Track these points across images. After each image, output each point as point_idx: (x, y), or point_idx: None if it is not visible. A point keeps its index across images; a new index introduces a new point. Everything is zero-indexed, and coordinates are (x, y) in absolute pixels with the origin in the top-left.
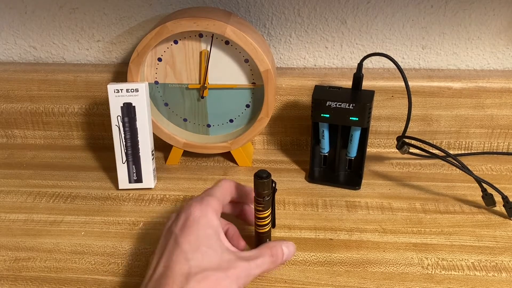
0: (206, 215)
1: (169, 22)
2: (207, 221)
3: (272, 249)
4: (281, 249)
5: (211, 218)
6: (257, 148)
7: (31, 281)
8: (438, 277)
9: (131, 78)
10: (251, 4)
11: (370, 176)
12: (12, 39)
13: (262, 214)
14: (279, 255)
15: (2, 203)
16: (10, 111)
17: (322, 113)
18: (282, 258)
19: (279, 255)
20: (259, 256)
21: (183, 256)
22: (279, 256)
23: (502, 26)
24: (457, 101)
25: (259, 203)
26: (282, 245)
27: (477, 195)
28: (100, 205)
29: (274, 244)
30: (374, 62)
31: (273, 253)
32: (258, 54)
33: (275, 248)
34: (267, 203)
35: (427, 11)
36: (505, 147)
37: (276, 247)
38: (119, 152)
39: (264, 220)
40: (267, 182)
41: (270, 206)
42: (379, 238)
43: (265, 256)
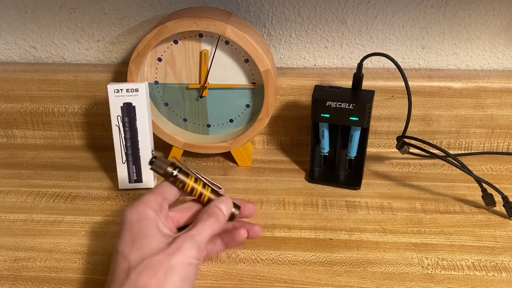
0: (137, 211)
1: (169, 22)
2: (138, 216)
3: (208, 210)
4: (215, 207)
5: (142, 211)
6: (257, 148)
7: (31, 281)
8: (438, 277)
9: (131, 78)
10: (251, 4)
11: (370, 176)
12: (12, 39)
13: (188, 187)
14: (217, 212)
15: (2, 203)
16: (10, 111)
17: (322, 113)
18: (223, 213)
19: (217, 212)
20: (197, 223)
21: (121, 256)
22: (218, 212)
23: (502, 26)
24: (457, 101)
25: (175, 183)
26: (216, 203)
27: (477, 195)
28: (100, 205)
29: (208, 206)
30: (374, 62)
31: (210, 212)
32: (258, 54)
33: (210, 208)
34: (180, 177)
35: (427, 11)
36: (505, 147)
37: (211, 207)
38: (119, 152)
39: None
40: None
41: (188, 177)
42: (379, 238)
43: (203, 219)
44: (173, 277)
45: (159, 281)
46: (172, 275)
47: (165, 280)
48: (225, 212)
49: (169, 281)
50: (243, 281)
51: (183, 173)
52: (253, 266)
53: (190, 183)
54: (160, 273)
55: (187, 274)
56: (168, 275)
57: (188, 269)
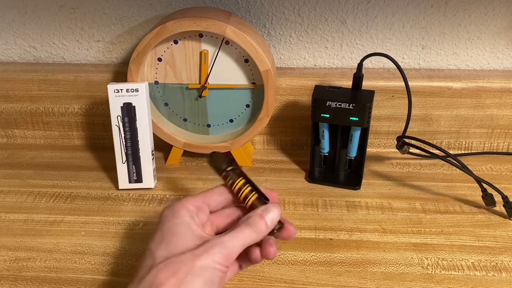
0: (172, 210)
1: (169, 22)
2: (172, 215)
3: (249, 218)
4: (258, 216)
5: (177, 211)
6: (257, 148)
7: (31, 281)
8: (438, 277)
9: (131, 78)
10: (251, 4)
11: (370, 176)
12: (12, 39)
13: (236, 187)
14: (257, 222)
15: (2, 203)
16: (10, 111)
17: (322, 113)
18: (266, 223)
19: (257, 221)
20: (233, 229)
21: (149, 252)
22: (258, 222)
23: (502, 26)
24: (457, 101)
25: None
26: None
27: (477, 195)
28: (100, 205)
29: (252, 213)
30: (374, 62)
31: (250, 221)
32: (258, 54)
33: (253, 216)
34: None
35: (427, 11)
36: (505, 147)
37: (254, 214)
38: (119, 152)
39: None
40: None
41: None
42: (379, 238)
43: (241, 227)
44: (193, 279)
45: (178, 280)
46: (193, 276)
47: (185, 280)
48: (268, 223)
49: (189, 282)
50: (243, 281)
51: (235, 173)
52: (253, 266)
53: (239, 184)
54: (181, 272)
55: (210, 279)
56: (189, 276)
57: (212, 274)
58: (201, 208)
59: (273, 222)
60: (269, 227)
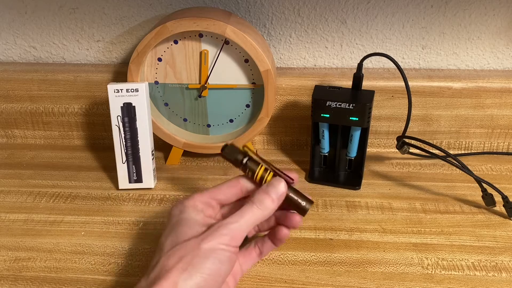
0: (180, 206)
1: (169, 22)
2: (180, 210)
3: (253, 196)
4: (261, 193)
5: (184, 206)
6: (257, 148)
7: (31, 281)
8: (438, 277)
9: (131, 78)
10: (251, 4)
11: (370, 176)
12: (12, 39)
13: (258, 176)
14: (261, 198)
15: (2, 203)
16: (10, 111)
17: (322, 113)
18: (272, 198)
19: (261, 198)
20: (240, 210)
21: (159, 246)
22: (263, 199)
23: (502, 26)
24: (457, 101)
25: (245, 171)
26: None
27: (477, 195)
28: (100, 205)
29: (256, 193)
30: (374, 62)
31: (254, 199)
32: (258, 54)
33: (256, 194)
34: (250, 165)
35: (427, 11)
36: (505, 147)
37: (258, 192)
38: (119, 152)
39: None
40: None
41: (258, 165)
42: (379, 238)
43: (245, 206)
44: (200, 261)
45: (185, 264)
46: (200, 259)
47: (191, 263)
48: (273, 197)
49: (196, 264)
50: (243, 281)
51: (253, 162)
52: (253, 266)
53: (260, 172)
54: (188, 257)
55: (218, 260)
56: (195, 259)
57: (219, 254)
58: (209, 203)
59: (278, 196)
60: (275, 202)
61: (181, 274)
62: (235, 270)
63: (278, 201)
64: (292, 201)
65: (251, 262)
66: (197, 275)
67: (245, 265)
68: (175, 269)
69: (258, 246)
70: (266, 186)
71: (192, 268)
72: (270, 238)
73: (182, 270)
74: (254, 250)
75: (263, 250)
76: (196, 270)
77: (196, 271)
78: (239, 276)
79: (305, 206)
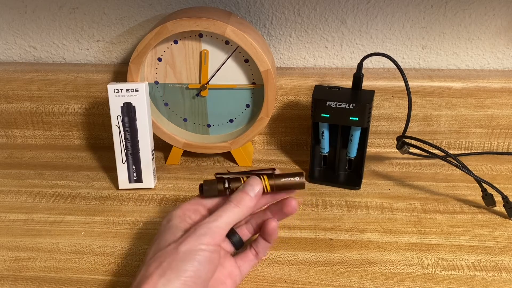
0: (168, 216)
1: (169, 22)
2: (167, 221)
3: (231, 197)
4: (239, 192)
5: (171, 216)
6: (257, 148)
7: (31, 281)
8: (438, 277)
9: (131, 78)
10: (251, 4)
11: (370, 176)
12: (12, 39)
13: None
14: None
15: (2, 203)
16: (10, 111)
17: (322, 113)
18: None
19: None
20: (218, 210)
21: (145, 260)
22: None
23: (502, 26)
24: (457, 101)
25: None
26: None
27: (477, 195)
28: (100, 205)
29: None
30: (374, 62)
31: (232, 197)
32: (258, 54)
33: (235, 193)
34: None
35: (427, 11)
36: (505, 147)
37: (234, 194)
38: (119, 152)
39: None
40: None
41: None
42: (379, 238)
43: (224, 205)
44: (178, 264)
45: (163, 270)
46: (178, 262)
47: (170, 267)
48: (251, 194)
49: (174, 268)
50: (243, 281)
51: (234, 181)
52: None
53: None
54: (166, 262)
55: (197, 262)
56: (173, 263)
57: (198, 256)
58: (196, 210)
59: (255, 192)
60: (253, 199)
61: (160, 279)
62: (234, 273)
63: (256, 198)
64: (285, 184)
65: (249, 264)
66: (175, 279)
67: (244, 267)
68: (154, 275)
69: (253, 247)
70: (243, 185)
71: (171, 272)
72: (262, 236)
73: (160, 276)
74: (250, 252)
75: (258, 250)
76: (175, 274)
77: (175, 275)
78: (238, 279)
79: (299, 180)
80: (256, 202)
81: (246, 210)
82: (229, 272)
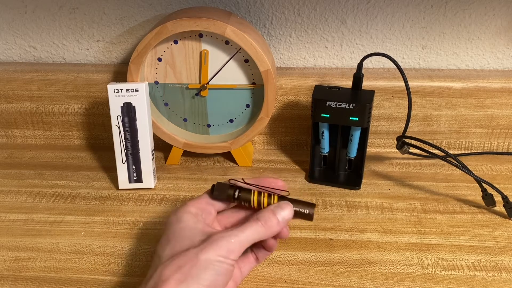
0: (176, 215)
1: (169, 22)
2: (176, 219)
3: (259, 214)
4: (269, 212)
5: (180, 215)
6: (257, 148)
7: (31, 281)
8: (438, 277)
9: (131, 78)
10: (251, 4)
11: (370, 176)
12: (12, 39)
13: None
14: (267, 217)
15: (2, 203)
16: (10, 111)
17: (322, 113)
18: (277, 219)
19: (267, 217)
20: (244, 225)
21: (156, 256)
22: (269, 218)
23: (502, 26)
24: (457, 101)
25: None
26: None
27: (477, 195)
28: (100, 205)
29: (263, 209)
30: (374, 62)
31: (259, 216)
32: (258, 54)
33: (263, 212)
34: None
35: (427, 11)
36: (505, 147)
37: (265, 210)
38: (119, 152)
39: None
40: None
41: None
42: (379, 238)
43: (249, 222)
44: (198, 272)
45: (183, 275)
46: (198, 270)
47: (190, 274)
48: (279, 219)
49: (194, 275)
50: (243, 281)
51: (244, 191)
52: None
53: (255, 199)
54: (186, 267)
55: (216, 272)
56: (193, 270)
57: (217, 266)
58: (205, 209)
59: (284, 220)
60: (280, 225)
61: (179, 285)
62: (235, 274)
63: (284, 224)
64: (297, 213)
65: (249, 266)
66: (194, 286)
67: (244, 268)
68: (172, 279)
69: (254, 252)
70: (275, 206)
71: (191, 279)
72: (262, 245)
73: (179, 281)
74: (251, 255)
75: (259, 256)
76: (194, 281)
77: (194, 282)
78: (239, 279)
79: (310, 213)
80: (282, 228)
81: (270, 233)
82: None
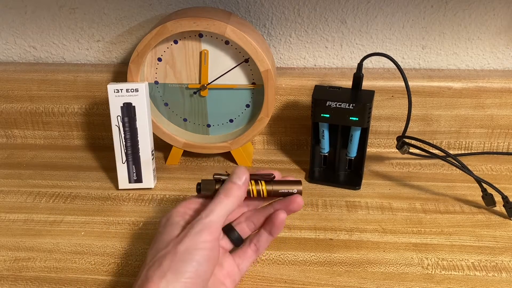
0: (166, 217)
1: (169, 22)
2: (165, 221)
3: (220, 189)
4: (227, 182)
5: (169, 216)
6: (257, 148)
7: (31, 281)
8: (438, 277)
9: (131, 78)
10: (251, 4)
11: (370, 176)
12: (12, 39)
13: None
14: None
15: (2, 203)
16: (10, 111)
17: (322, 113)
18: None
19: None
20: (211, 203)
21: (146, 261)
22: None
23: (502, 26)
24: (457, 101)
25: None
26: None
27: (477, 195)
28: (100, 205)
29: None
30: (374, 62)
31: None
32: (258, 54)
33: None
34: None
35: (427, 11)
36: (505, 147)
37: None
38: (119, 152)
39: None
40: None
41: None
42: (379, 238)
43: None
44: (177, 265)
45: (163, 272)
46: (177, 263)
47: (170, 269)
48: (238, 182)
49: (174, 270)
50: (243, 281)
51: None
52: (253, 266)
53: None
54: (165, 263)
55: (196, 263)
56: (173, 264)
57: (197, 256)
58: (194, 208)
59: (242, 180)
60: (242, 187)
61: (160, 281)
62: (232, 271)
63: (244, 186)
64: (282, 193)
65: (248, 261)
66: (175, 281)
67: (242, 265)
68: (155, 277)
69: (254, 242)
70: (230, 176)
71: (171, 274)
72: (267, 229)
73: (160, 278)
74: (249, 248)
75: (259, 245)
76: (175, 276)
77: (175, 277)
78: (237, 277)
79: (298, 191)
80: (245, 190)
81: (237, 200)
82: (228, 272)
